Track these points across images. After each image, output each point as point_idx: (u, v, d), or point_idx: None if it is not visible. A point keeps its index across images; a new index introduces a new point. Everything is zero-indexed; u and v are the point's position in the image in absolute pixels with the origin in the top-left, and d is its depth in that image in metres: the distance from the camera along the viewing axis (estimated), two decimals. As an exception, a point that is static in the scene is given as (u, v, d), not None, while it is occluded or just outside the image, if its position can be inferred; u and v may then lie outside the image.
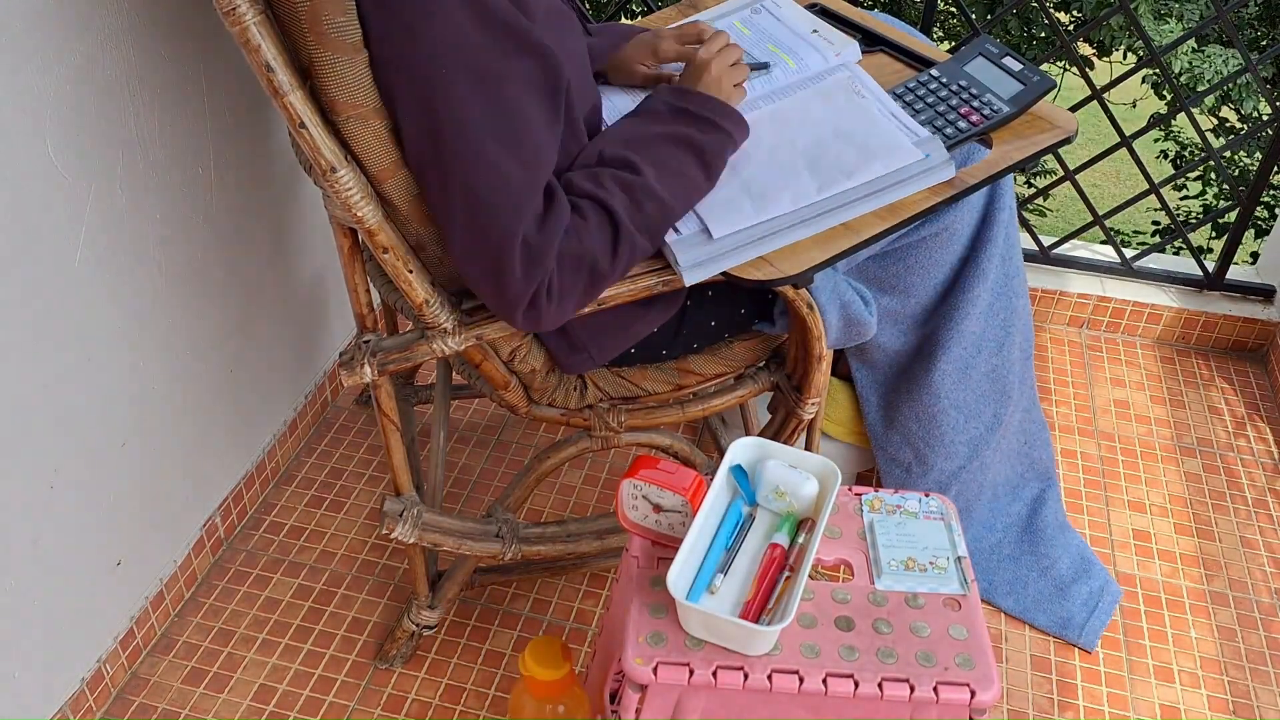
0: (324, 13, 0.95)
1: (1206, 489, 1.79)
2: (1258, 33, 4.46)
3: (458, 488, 1.74)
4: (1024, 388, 1.56)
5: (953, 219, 1.36)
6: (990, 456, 1.53)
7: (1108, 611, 1.54)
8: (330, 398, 1.88)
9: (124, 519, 1.38)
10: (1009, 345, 1.48)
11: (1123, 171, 6.03)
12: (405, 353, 1.15)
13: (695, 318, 1.28)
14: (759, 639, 0.96)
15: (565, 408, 1.31)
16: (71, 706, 1.33)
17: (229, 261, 1.50)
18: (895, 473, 1.55)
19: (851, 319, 1.28)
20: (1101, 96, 1.95)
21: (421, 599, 1.44)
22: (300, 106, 0.98)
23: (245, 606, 1.54)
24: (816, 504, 1.08)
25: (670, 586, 0.95)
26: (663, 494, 1.03)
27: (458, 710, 1.41)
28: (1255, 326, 2.07)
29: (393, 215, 1.08)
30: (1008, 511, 1.61)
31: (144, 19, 1.24)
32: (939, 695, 0.95)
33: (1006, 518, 1.61)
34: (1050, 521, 1.60)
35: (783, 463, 1.07)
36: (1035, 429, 1.62)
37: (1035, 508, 1.62)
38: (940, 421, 1.48)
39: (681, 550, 0.99)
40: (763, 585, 1.00)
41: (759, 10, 1.46)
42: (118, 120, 1.23)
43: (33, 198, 1.13)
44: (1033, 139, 1.24)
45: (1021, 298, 1.48)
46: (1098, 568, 1.58)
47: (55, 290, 1.19)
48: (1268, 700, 1.47)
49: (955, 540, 1.09)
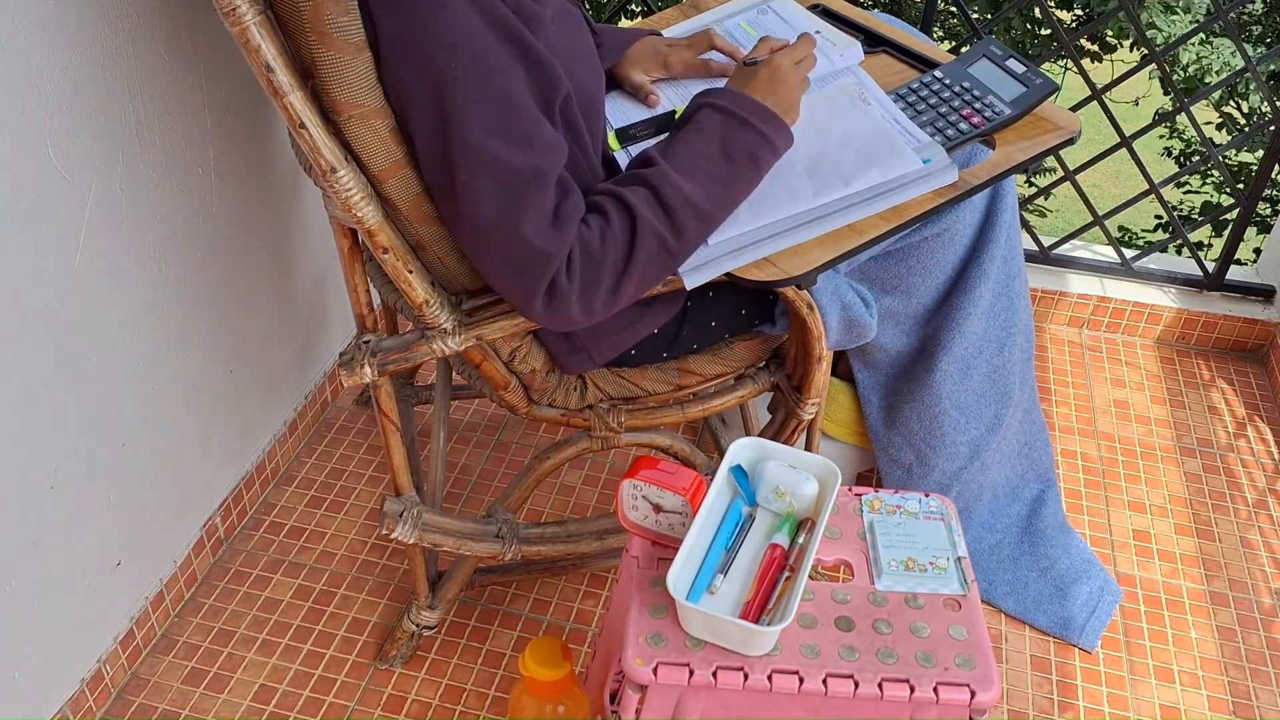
0: (326, 12, 0.95)
1: (1206, 489, 1.79)
2: (1264, 28, 4.45)
3: (458, 488, 1.74)
4: (1024, 388, 1.56)
5: (954, 219, 1.36)
6: (991, 457, 1.53)
7: (1108, 612, 1.54)
8: (330, 398, 1.88)
9: (124, 519, 1.38)
10: (1010, 346, 1.48)
11: (1123, 171, 6.03)
12: (405, 353, 1.15)
13: (696, 319, 1.28)
14: (759, 639, 0.96)
15: (565, 408, 1.31)
16: (71, 706, 1.33)
17: (229, 261, 1.51)
18: (896, 473, 1.55)
19: (852, 320, 1.28)
20: (1102, 96, 1.95)
21: (421, 599, 1.44)
22: (300, 107, 0.98)
23: (245, 607, 1.54)
24: (816, 504, 1.08)
25: (670, 587, 0.95)
26: (663, 494, 1.03)
27: (458, 710, 1.41)
28: (1255, 326, 2.07)
29: (393, 215, 1.08)
30: (1007, 512, 1.61)
31: (144, 19, 1.24)
32: (939, 695, 0.95)
33: (1006, 518, 1.61)
34: (1050, 522, 1.60)
35: (783, 463, 1.07)
36: (1035, 430, 1.62)
37: (1035, 508, 1.62)
38: (942, 422, 1.48)
39: (681, 551, 0.99)
40: (763, 585, 1.00)
41: (765, 11, 1.46)
42: (118, 120, 1.23)
43: (33, 198, 1.13)
44: (1036, 140, 1.24)
45: (1022, 299, 1.48)
46: (1097, 568, 1.58)
47: (55, 290, 1.19)
48: (1268, 700, 1.47)
49: (955, 540, 1.10)
